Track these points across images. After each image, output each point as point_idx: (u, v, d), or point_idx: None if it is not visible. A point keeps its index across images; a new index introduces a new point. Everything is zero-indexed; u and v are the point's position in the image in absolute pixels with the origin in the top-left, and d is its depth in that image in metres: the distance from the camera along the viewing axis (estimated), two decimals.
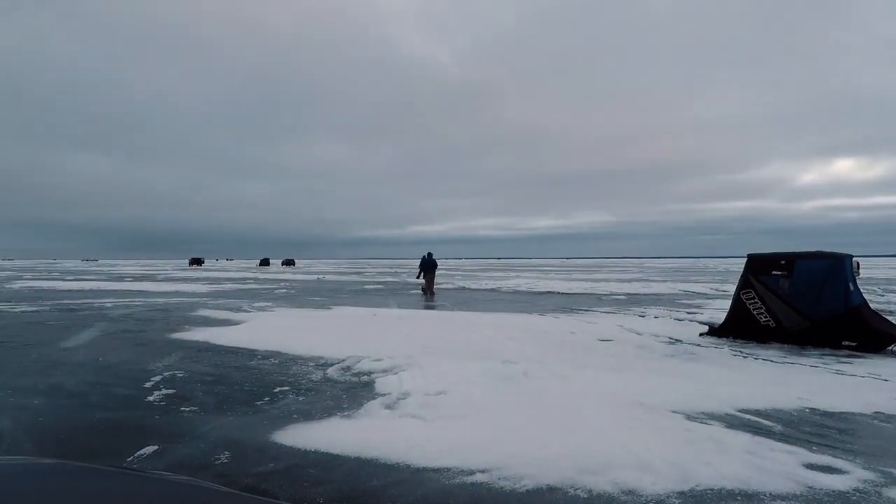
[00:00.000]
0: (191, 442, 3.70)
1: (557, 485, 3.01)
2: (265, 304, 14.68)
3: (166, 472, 1.69)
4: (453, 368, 5.83)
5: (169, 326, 9.78)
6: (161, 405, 4.62)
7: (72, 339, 8.28)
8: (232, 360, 6.60)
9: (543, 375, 5.58)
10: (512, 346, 7.64)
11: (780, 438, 3.79)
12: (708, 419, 4.22)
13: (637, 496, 2.87)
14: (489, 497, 2.88)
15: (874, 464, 3.36)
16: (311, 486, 3.00)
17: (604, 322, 10.63)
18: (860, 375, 5.97)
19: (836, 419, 4.35)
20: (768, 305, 8.08)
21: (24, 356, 6.88)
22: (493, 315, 11.89)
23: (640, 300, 16.24)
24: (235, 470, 3.22)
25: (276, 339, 7.96)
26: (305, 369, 6.08)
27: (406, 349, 7.09)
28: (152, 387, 5.24)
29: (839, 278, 7.65)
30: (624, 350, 7.47)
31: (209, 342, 7.89)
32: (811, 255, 8.00)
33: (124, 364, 6.37)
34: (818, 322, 7.65)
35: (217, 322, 10.41)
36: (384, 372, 5.80)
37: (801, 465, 3.30)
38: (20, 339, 8.34)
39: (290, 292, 19.91)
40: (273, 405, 4.63)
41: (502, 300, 16.90)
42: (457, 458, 3.34)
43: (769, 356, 7.11)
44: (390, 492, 2.93)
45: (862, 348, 7.35)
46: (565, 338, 8.50)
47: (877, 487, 3.01)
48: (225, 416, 4.32)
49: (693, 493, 2.90)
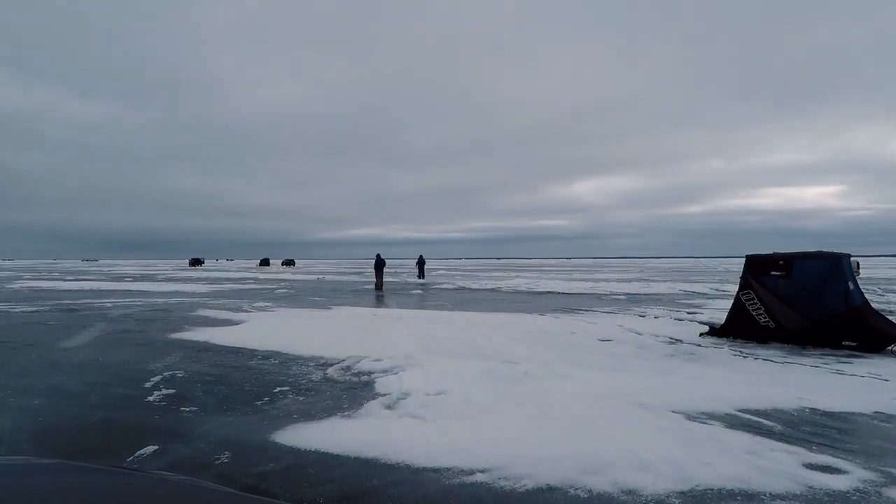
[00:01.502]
0: (191, 442, 3.70)
1: (558, 485, 3.01)
2: (265, 304, 14.68)
3: (166, 472, 1.70)
4: (453, 368, 5.84)
5: (169, 326, 9.79)
6: (161, 405, 4.63)
7: (72, 339, 8.29)
8: (232, 360, 6.61)
9: (543, 375, 5.58)
10: (512, 346, 7.64)
11: (781, 438, 3.79)
12: (708, 419, 4.22)
13: (637, 496, 2.87)
14: (489, 497, 2.88)
15: (874, 464, 3.36)
16: (311, 486, 3.00)
17: (604, 322, 10.64)
18: (860, 375, 5.97)
19: (836, 419, 4.35)
20: (767, 306, 8.09)
21: (24, 356, 6.88)
22: (494, 315, 11.89)
23: (640, 300, 16.24)
24: (235, 470, 3.23)
25: (276, 339, 7.96)
26: (305, 369, 6.08)
27: (406, 349, 7.09)
28: (152, 387, 5.24)
29: (839, 278, 7.65)
30: (624, 350, 7.47)
31: (209, 342, 7.90)
32: (810, 255, 8.01)
33: (124, 364, 6.37)
34: (818, 322, 7.65)
35: (217, 322, 10.42)
36: (384, 372, 5.81)
37: (802, 465, 3.30)
38: (20, 339, 8.34)
39: (289, 292, 19.91)
40: (273, 405, 4.63)
41: (502, 300, 16.91)
42: (457, 458, 3.34)
43: (769, 356, 7.11)
44: (390, 492, 2.94)
45: (862, 348, 7.36)
46: (565, 338, 8.51)
47: (877, 487, 3.02)
48: (225, 416, 4.33)
49: (693, 493, 2.90)
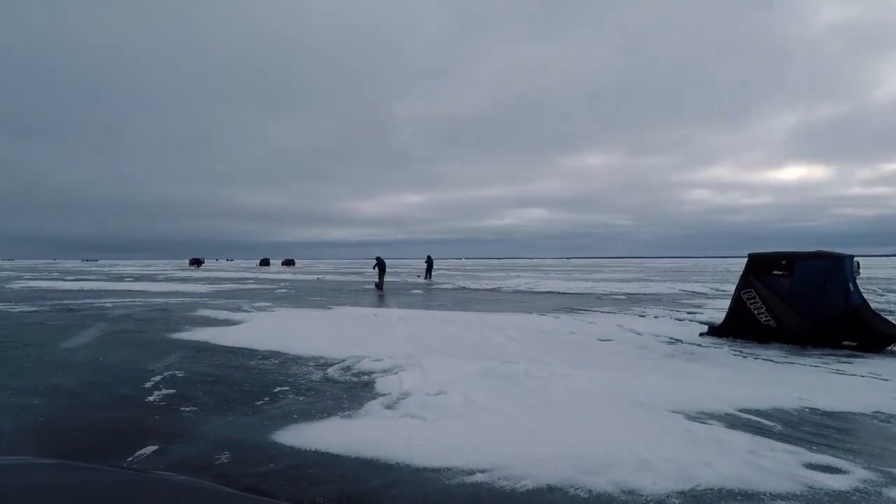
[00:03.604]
0: (191, 442, 3.70)
1: (558, 484, 3.01)
2: (265, 304, 14.69)
3: (166, 472, 1.70)
4: (454, 368, 5.84)
5: (169, 326, 9.79)
6: (161, 405, 4.63)
7: (72, 339, 8.29)
8: (232, 360, 6.61)
9: (544, 375, 5.58)
10: (512, 345, 7.65)
11: (781, 438, 3.79)
12: (708, 419, 4.22)
13: (637, 496, 2.87)
14: (489, 497, 2.88)
15: (874, 464, 3.36)
16: (311, 486, 3.00)
17: (604, 322, 10.64)
18: (860, 375, 5.97)
19: (836, 419, 4.35)
20: (769, 305, 8.08)
21: (24, 356, 6.88)
22: (494, 315, 11.89)
23: (640, 300, 16.24)
24: (235, 470, 3.23)
25: (277, 339, 7.97)
26: (305, 369, 6.08)
27: (406, 349, 7.10)
28: (152, 387, 5.24)
29: (839, 278, 7.65)
30: (624, 350, 7.47)
31: (209, 342, 7.90)
32: (812, 255, 8.01)
33: (124, 364, 6.38)
34: (818, 322, 7.65)
35: (217, 322, 10.42)
36: (384, 372, 5.81)
37: (802, 464, 3.30)
38: (20, 339, 8.34)
39: (290, 292, 19.92)
40: (273, 405, 4.63)
41: (502, 300, 16.90)
42: (457, 458, 3.34)
43: (769, 356, 7.11)
44: (390, 492, 2.94)
45: (862, 348, 7.36)
46: (565, 338, 8.51)
47: (877, 487, 3.02)
48: (225, 416, 4.33)
49: (693, 493, 2.90)
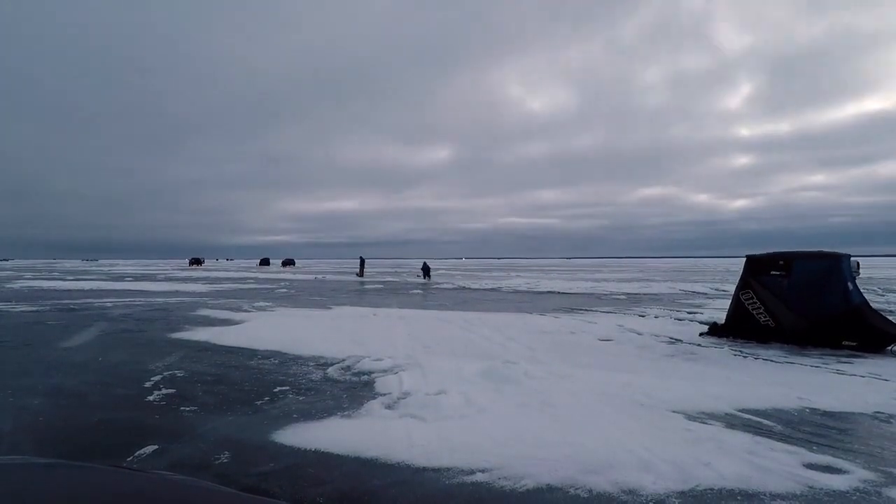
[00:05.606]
0: (191, 442, 3.70)
1: (558, 485, 3.01)
2: (265, 303, 14.69)
3: (166, 471, 1.70)
4: (454, 368, 5.85)
5: (169, 326, 9.79)
6: (161, 405, 4.63)
7: (72, 338, 8.29)
8: (232, 360, 6.61)
9: (544, 375, 5.59)
10: (512, 345, 7.65)
11: (781, 438, 3.80)
12: (708, 419, 4.22)
13: (637, 496, 2.88)
14: (489, 497, 2.88)
15: (874, 464, 3.36)
16: (311, 486, 3.00)
17: (604, 322, 10.64)
18: (860, 375, 5.97)
19: (836, 419, 4.35)
20: (767, 305, 8.09)
21: (24, 356, 6.89)
22: (494, 315, 11.89)
23: (640, 300, 16.25)
24: (235, 470, 3.23)
25: (277, 338, 7.97)
26: (306, 369, 6.08)
27: (406, 349, 7.10)
28: (152, 386, 5.24)
29: (838, 278, 7.65)
30: (624, 350, 7.47)
31: (209, 342, 7.90)
32: (810, 255, 8.01)
33: (124, 364, 6.37)
34: (817, 321, 7.65)
35: (217, 322, 10.42)
36: (384, 372, 5.81)
37: (802, 464, 3.30)
38: (20, 338, 8.34)
39: (289, 292, 19.92)
40: (273, 405, 4.63)
41: (503, 300, 16.90)
42: (457, 458, 3.34)
43: (769, 356, 7.11)
44: (390, 492, 2.94)
45: (862, 348, 7.36)
46: (565, 338, 8.51)
47: (877, 487, 3.02)
48: (225, 415, 4.33)
49: (693, 493, 2.90)
